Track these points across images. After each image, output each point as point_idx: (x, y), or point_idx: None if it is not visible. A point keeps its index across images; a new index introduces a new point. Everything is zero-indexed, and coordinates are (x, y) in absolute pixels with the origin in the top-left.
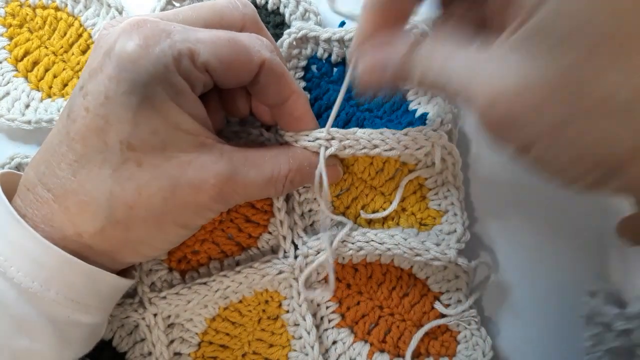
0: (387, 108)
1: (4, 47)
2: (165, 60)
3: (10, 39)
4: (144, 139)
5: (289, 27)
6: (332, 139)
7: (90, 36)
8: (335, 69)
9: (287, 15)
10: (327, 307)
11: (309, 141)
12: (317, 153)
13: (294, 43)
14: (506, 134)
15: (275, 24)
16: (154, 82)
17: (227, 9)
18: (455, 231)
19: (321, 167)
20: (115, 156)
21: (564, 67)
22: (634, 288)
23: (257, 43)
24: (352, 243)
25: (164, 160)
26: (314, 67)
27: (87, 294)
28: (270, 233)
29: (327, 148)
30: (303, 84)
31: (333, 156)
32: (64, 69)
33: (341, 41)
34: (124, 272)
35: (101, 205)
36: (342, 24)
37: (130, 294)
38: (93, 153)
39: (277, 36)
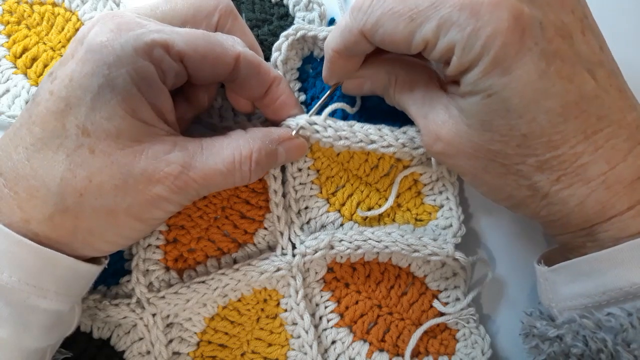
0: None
1: (2, 45)
2: (135, 44)
3: (9, 36)
4: (99, 124)
5: (293, 18)
6: (314, 123)
7: None
8: None
9: (291, 7)
10: (325, 307)
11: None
12: (277, 129)
13: (292, 44)
14: (443, 162)
15: (280, 15)
16: (120, 64)
17: (202, 0)
18: (451, 226)
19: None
20: (71, 141)
21: (483, 140)
22: (561, 302)
23: (230, 39)
24: (350, 242)
25: (116, 149)
26: (308, 67)
27: (43, 278)
28: (266, 229)
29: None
30: (298, 84)
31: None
32: None
33: None
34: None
35: (51, 191)
36: (332, 21)
37: (127, 294)
38: (50, 137)
39: (282, 28)
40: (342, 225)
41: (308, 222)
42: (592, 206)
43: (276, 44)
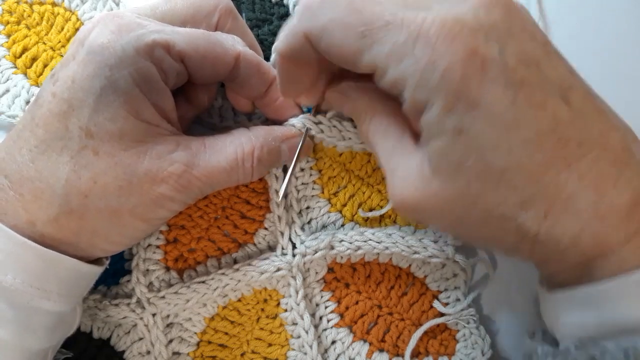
0: None
1: (2, 45)
2: (137, 45)
3: (8, 36)
4: (102, 125)
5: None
6: (320, 123)
7: None
8: None
9: (291, 7)
10: (325, 307)
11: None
12: (280, 127)
13: None
14: (415, 219)
15: (280, 15)
16: (121, 65)
17: (202, 0)
18: None
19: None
20: (74, 143)
21: (458, 186)
22: (561, 328)
23: (230, 39)
24: (350, 242)
25: (120, 150)
26: None
27: (46, 279)
28: (266, 229)
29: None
30: None
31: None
32: None
33: None
34: (93, 263)
35: (56, 192)
36: None
37: (128, 294)
38: (54, 139)
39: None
40: (343, 225)
41: (309, 222)
42: (587, 240)
43: (274, 46)
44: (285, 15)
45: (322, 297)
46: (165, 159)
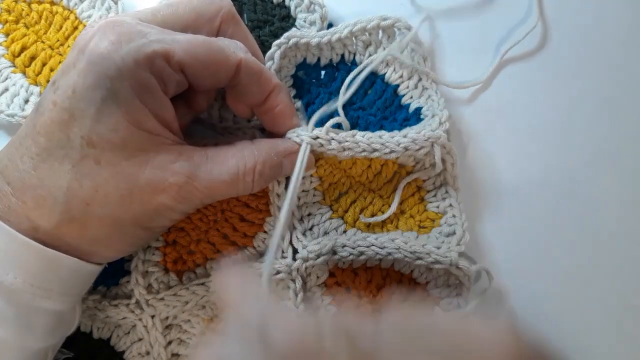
0: (380, 105)
1: (0, 43)
2: (137, 56)
3: (7, 35)
4: (104, 135)
5: (294, 19)
6: (317, 137)
7: None
8: (323, 72)
9: (292, 8)
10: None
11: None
12: (284, 141)
13: (284, 53)
14: None
15: (281, 16)
16: (121, 76)
17: (204, 5)
18: (454, 233)
19: (300, 159)
20: (76, 152)
21: None
22: None
23: (232, 45)
24: (353, 248)
25: (122, 159)
26: (302, 74)
27: (47, 279)
28: (265, 232)
29: (308, 144)
30: (293, 92)
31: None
32: (60, 62)
33: (329, 44)
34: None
35: (58, 200)
36: (330, 26)
37: (127, 295)
38: (55, 147)
39: (283, 29)
40: (345, 232)
41: (311, 229)
42: None
43: (269, 53)
44: (286, 16)
45: (322, 300)
46: (167, 170)
